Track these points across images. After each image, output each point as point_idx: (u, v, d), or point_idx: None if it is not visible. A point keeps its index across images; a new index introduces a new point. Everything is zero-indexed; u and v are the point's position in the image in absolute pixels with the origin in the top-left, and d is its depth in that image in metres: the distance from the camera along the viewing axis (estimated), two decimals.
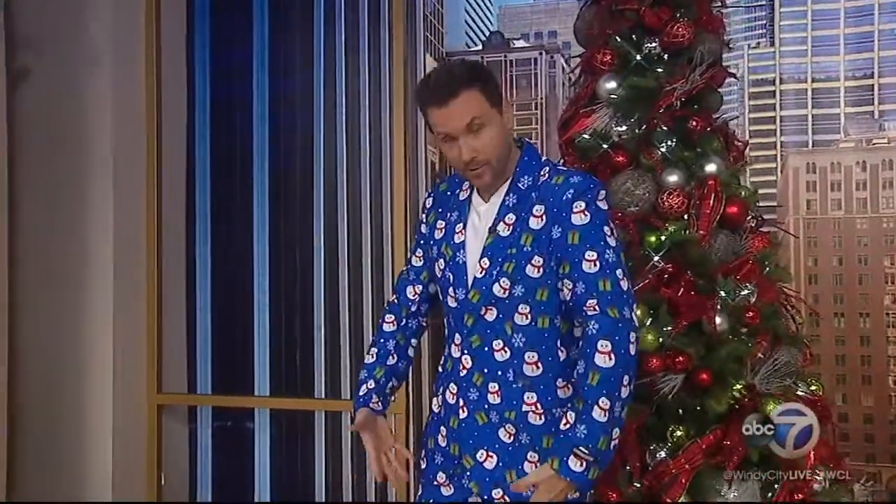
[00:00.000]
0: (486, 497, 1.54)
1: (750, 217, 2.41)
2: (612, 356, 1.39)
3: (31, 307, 3.11)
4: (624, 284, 1.47)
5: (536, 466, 1.48)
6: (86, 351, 3.13)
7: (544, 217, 1.53)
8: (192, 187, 3.54)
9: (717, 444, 2.12)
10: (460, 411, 1.57)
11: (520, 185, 1.55)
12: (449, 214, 1.63)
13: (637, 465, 2.11)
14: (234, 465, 3.56)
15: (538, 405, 1.50)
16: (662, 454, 2.12)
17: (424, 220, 1.67)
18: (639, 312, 2.15)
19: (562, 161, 2.57)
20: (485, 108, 1.50)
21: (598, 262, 1.46)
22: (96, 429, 3.11)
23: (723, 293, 2.21)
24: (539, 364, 1.51)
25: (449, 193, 1.65)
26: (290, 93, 3.49)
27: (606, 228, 1.50)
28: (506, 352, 1.52)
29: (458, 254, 1.56)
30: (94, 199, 3.14)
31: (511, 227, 1.54)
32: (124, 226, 3.20)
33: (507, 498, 1.52)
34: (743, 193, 2.40)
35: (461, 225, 1.59)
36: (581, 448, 1.39)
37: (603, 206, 1.53)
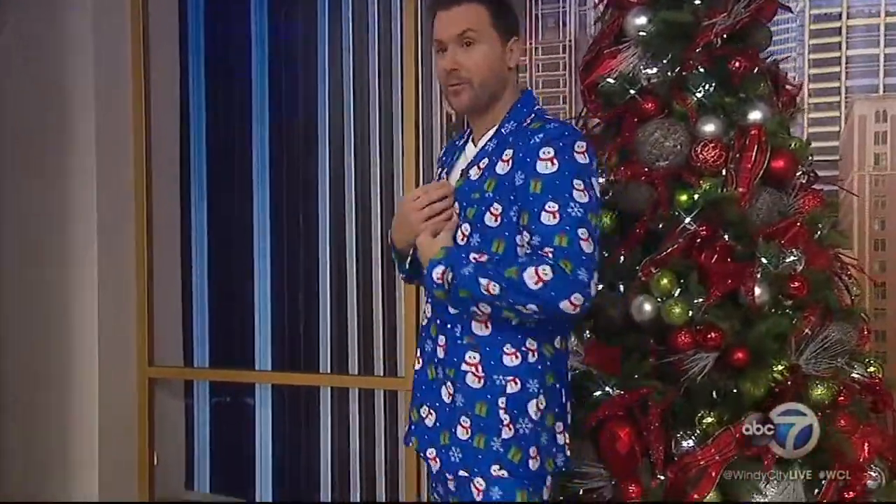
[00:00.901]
0: (422, 454, 1.60)
1: (800, 172, 2.20)
2: (542, 285, 1.38)
3: (11, 276, 3.05)
4: (585, 245, 1.42)
5: (469, 433, 1.50)
6: (70, 322, 3.06)
7: (511, 161, 1.50)
8: (187, 146, 3.44)
9: None
10: (416, 363, 1.65)
11: (503, 129, 1.56)
12: (447, 160, 1.71)
13: (661, 455, 1.96)
14: (233, 445, 3.51)
15: (479, 367, 1.51)
16: (690, 443, 1.97)
17: (438, 173, 1.74)
18: (665, 281, 2.00)
19: (584, 110, 2.40)
20: (484, 26, 1.53)
21: (558, 215, 1.42)
22: (82, 405, 3.06)
23: (764, 260, 2.02)
24: (489, 324, 1.50)
25: (457, 143, 1.72)
26: (292, 35, 3.34)
27: (578, 182, 1.45)
28: None
29: None
30: (78, 154, 3.05)
31: (481, 172, 1.55)
32: (109, 185, 3.11)
33: (439, 460, 1.55)
34: (792, 145, 2.18)
35: (448, 169, 1.67)
36: (453, 271, 1.44)
37: (581, 158, 1.48)
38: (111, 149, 3.10)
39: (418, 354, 1.67)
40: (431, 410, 1.59)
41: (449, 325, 1.56)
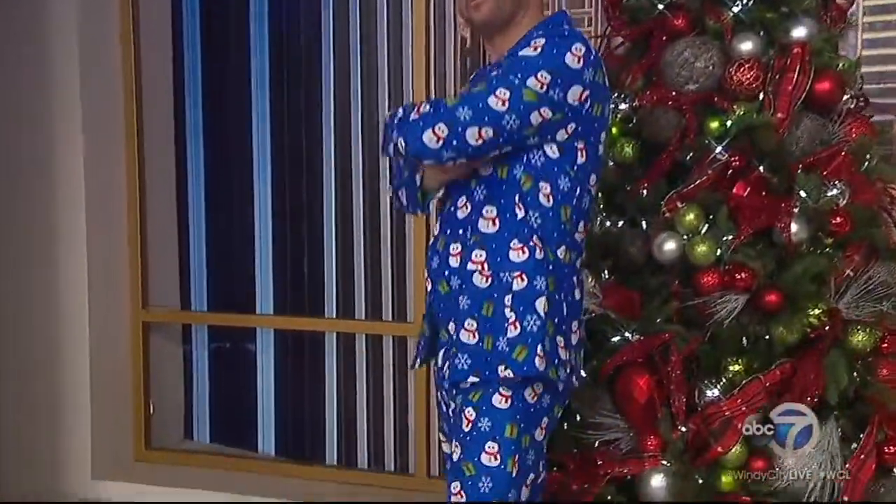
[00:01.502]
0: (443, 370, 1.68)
1: (847, 97, 2.12)
2: (416, 115, 1.53)
3: None
4: (491, 100, 1.50)
5: (475, 336, 1.58)
6: (56, 262, 3.08)
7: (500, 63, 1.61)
8: (181, 73, 3.40)
9: (785, 381, 1.93)
10: (427, 284, 1.71)
11: (516, 48, 1.61)
12: None
13: (682, 405, 1.94)
14: (233, 393, 3.54)
15: (485, 265, 1.58)
16: (714, 393, 1.95)
17: None
18: (691, 216, 1.97)
19: (607, 28, 2.34)
20: None
21: (488, 81, 1.54)
22: (72, 350, 3.09)
23: (803, 193, 1.97)
24: (496, 221, 1.58)
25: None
26: None
27: (541, 74, 1.51)
28: (466, 207, 1.62)
29: None
30: (60, 86, 3.02)
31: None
32: (96, 114, 3.09)
33: (448, 373, 1.64)
34: (839, 66, 2.11)
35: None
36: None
37: (572, 60, 1.54)
38: (98, 74, 3.07)
39: (427, 275, 1.73)
40: (454, 323, 1.64)
41: (460, 230, 1.62)
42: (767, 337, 1.97)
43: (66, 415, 3.12)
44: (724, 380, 1.95)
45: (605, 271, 2.12)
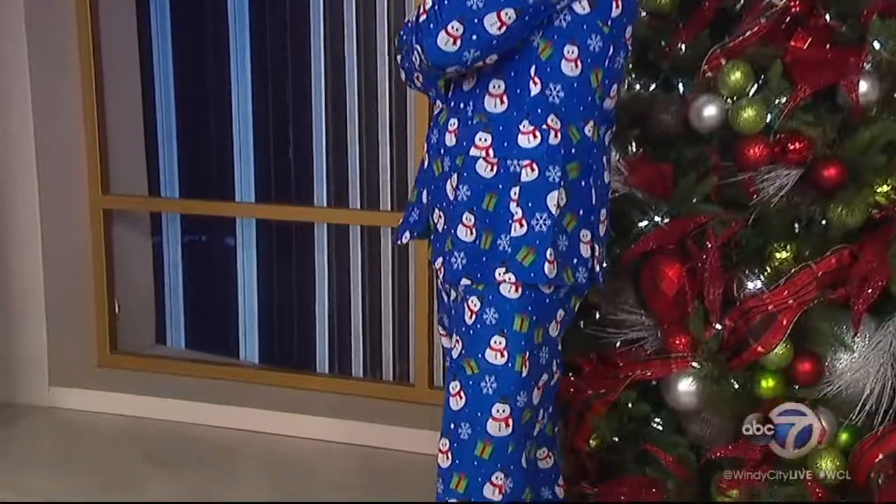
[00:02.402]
0: (434, 265, 1.66)
1: None
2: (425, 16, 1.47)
3: None
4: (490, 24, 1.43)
5: (473, 233, 1.54)
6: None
7: None
8: None
9: (841, 271, 1.84)
10: (424, 160, 1.69)
11: None
12: None
13: (718, 298, 1.88)
14: (211, 292, 3.53)
15: (490, 151, 1.52)
16: (757, 284, 1.88)
17: None
18: (738, 75, 1.87)
19: None
20: None
21: None
22: (21, 240, 3.05)
23: (876, 44, 1.84)
24: (505, 98, 1.53)
25: None
26: None
27: None
28: (472, 79, 1.56)
29: None
30: None
31: None
32: None
33: (443, 269, 1.60)
34: None
35: None
36: None
37: None
38: None
39: (426, 150, 1.70)
40: (441, 213, 1.62)
41: (462, 105, 1.57)
42: (823, 219, 1.89)
43: (17, 313, 3.09)
44: (768, 269, 1.88)
45: (633, 143, 2.04)
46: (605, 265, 1.66)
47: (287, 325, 3.46)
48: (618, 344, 2.00)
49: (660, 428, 1.99)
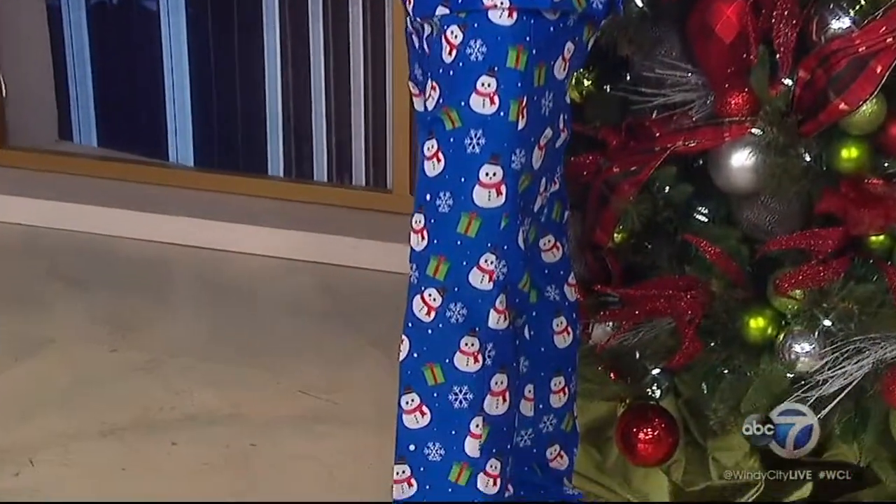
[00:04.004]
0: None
1: None
2: None
3: None
4: None
5: None
6: None
7: None
8: None
9: None
10: None
11: None
12: None
13: (791, 43, 1.80)
14: (129, 74, 3.48)
15: None
16: (845, 23, 1.77)
17: None
18: None
19: None
20: None
21: None
22: None
23: None
24: None
25: None
26: None
27: None
28: None
29: None
30: None
31: None
32: None
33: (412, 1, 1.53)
34: None
35: None
36: None
37: None
38: None
39: None
40: None
41: None
42: None
43: None
44: (862, 1, 1.78)
45: None
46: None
47: (230, 118, 3.41)
48: (654, 110, 1.93)
49: (704, 217, 1.94)
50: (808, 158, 1.81)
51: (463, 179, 1.48)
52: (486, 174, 1.47)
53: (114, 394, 2.31)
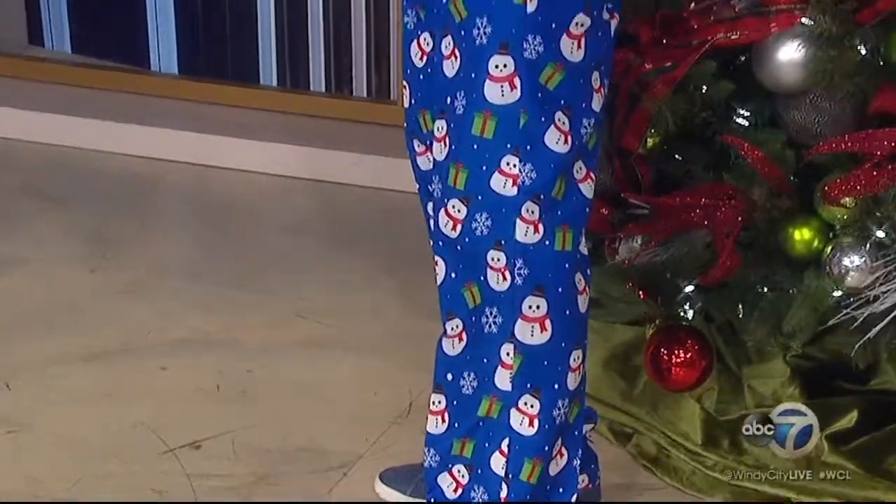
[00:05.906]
0: None
1: None
2: None
3: None
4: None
5: None
6: None
7: None
8: None
9: None
10: None
11: None
12: None
13: None
14: None
15: None
16: None
17: None
18: None
19: None
20: None
21: None
22: None
23: None
24: None
25: None
26: None
27: None
28: None
29: None
30: None
31: None
32: None
33: None
34: None
35: None
36: None
37: None
38: None
39: None
40: None
41: None
42: None
43: None
44: None
45: None
46: None
47: (217, 21, 3.38)
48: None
49: (745, 119, 1.92)
50: (863, 51, 1.79)
51: (473, 75, 1.46)
52: (496, 66, 1.45)
53: (95, 317, 2.31)
